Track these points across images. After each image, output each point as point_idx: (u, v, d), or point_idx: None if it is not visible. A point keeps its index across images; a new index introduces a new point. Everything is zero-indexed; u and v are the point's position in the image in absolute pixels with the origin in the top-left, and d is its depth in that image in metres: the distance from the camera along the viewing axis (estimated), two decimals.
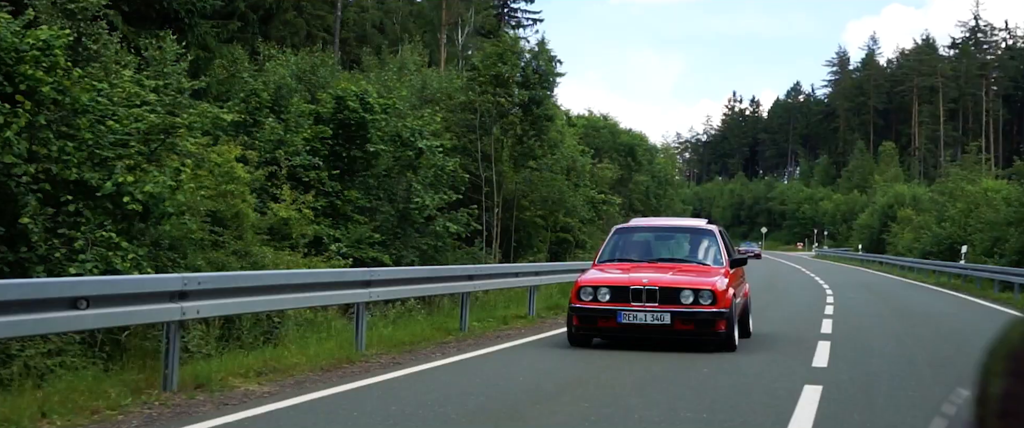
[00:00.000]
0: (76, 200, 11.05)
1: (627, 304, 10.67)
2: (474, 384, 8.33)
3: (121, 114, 11.94)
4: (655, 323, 10.57)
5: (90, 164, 11.50)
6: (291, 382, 8.23)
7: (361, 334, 10.38)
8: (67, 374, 8.18)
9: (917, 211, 54.01)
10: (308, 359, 9.26)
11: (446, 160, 22.26)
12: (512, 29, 72.08)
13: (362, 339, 10.32)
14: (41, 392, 7.09)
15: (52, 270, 10.24)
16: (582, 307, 10.88)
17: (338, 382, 8.21)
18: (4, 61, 11.03)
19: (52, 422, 6.35)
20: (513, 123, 26.82)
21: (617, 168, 40.64)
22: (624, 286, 10.79)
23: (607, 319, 10.79)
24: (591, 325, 10.98)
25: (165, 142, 12.10)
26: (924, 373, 9.68)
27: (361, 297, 10.39)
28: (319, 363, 9.19)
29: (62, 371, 8.50)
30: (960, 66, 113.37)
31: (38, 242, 10.41)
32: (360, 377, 8.61)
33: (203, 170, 13.97)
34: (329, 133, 20.34)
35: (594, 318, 10.88)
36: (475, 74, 26.54)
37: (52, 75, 11.08)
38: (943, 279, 32.71)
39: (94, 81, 12.02)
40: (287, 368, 8.78)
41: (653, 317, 10.56)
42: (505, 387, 8.19)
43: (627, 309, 10.65)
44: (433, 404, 7.13)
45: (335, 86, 22.47)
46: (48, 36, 11.18)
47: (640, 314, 10.59)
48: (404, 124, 21.77)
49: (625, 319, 10.66)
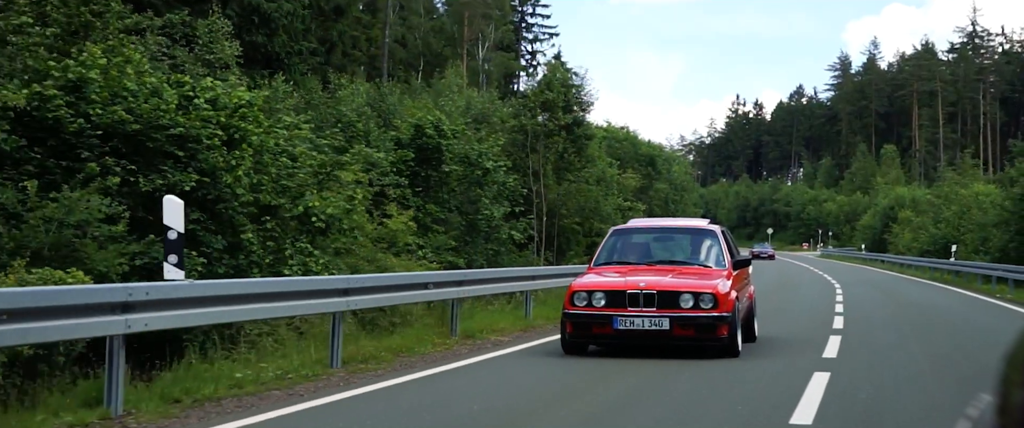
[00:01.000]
0: (272, 219, 14.86)
1: (623, 309, 10.22)
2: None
3: (299, 152, 15.77)
4: (653, 329, 10.11)
5: (278, 192, 15.33)
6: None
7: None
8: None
9: (916, 212, 57.83)
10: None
11: (507, 177, 26.09)
12: (530, 43, 76.16)
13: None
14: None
15: (266, 273, 14.00)
16: (576, 313, 10.43)
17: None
18: (220, 117, 14.86)
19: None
20: (557, 142, 30.63)
21: (639, 177, 44.51)
22: (620, 290, 10.33)
23: (602, 325, 10.32)
24: (585, 332, 10.53)
25: (330, 174, 15.92)
26: (912, 348, 13.32)
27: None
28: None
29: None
30: (958, 71, 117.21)
31: (257, 251, 14.18)
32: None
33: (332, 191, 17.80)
34: (411, 156, 24.12)
35: (588, 324, 10.43)
36: (526, 101, 30.32)
37: (255, 125, 14.89)
38: (937, 275, 36.52)
39: (277, 127, 15.85)
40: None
41: (651, 322, 10.10)
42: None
43: (623, 314, 10.19)
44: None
45: (408, 114, 26.36)
46: (250, 96, 14.99)
47: (637, 319, 10.14)
48: (472, 148, 25.60)
49: (621, 325, 10.19)
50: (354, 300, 10.26)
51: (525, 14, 73.95)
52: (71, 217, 10.35)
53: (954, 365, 10.30)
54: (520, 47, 73.07)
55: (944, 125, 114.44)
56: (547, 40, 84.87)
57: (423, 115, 25.44)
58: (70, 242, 10.24)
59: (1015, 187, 31.79)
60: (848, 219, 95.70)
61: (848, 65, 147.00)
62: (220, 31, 20.96)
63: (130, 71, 12.65)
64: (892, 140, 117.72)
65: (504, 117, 31.60)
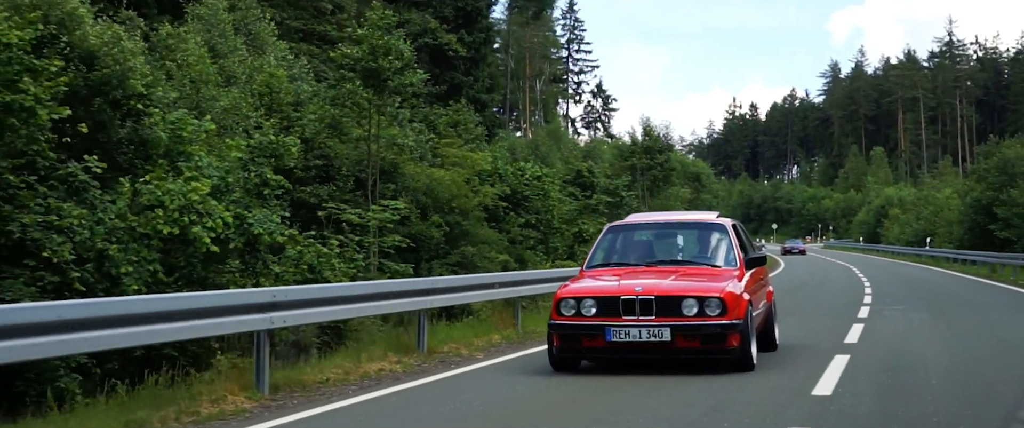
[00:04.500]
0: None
1: (617, 318, 8.94)
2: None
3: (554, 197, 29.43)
4: (652, 340, 8.85)
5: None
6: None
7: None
8: None
9: (903, 210, 71.96)
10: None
11: (633, 200, 39.81)
12: (576, 75, 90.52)
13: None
14: None
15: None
16: (563, 323, 9.19)
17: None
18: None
19: None
20: (650, 168, 44.41)
21: (690, 190, 58.35)
22: (612, 296, 9.05)
23: (593, 337, 9.05)
24: (575, 345, 9.27)
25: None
26: (910, 294, 26.65)
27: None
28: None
29: None
30: (937, 79, 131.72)
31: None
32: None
33: None
34: (580, 193, 37.63)
35: (577, 336, 9.17)
36: (635, 147, 44.12)
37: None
38: (918, 259, 50.39)
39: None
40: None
41: (649, 333, 8.84)
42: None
43: (617, 325, 8.92)
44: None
45: (569, 159, 40.12)
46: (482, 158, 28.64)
47: (633, 330, 8.87)
48: (610, 182, 39.28)
49: (615, 337, 8.91)
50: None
51: (572, 52, 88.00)
52: None
53: (930, 296, 23.65)
54: (568, 78, 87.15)
55: (926, 127, 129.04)
56: (590, 72, 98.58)
57: (578, 163, 39.15)
58: None
59: (973, 192, 45.53)
60: (844, 214, 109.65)
61: (838, 71, 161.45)
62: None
63: None
64: (880, 141, 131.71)
65: (613, 158, 45.41)
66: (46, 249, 10.31)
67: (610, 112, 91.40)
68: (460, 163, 24.94)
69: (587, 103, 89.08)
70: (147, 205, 11.51)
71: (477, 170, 25.17)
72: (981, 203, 42.57)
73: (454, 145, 26.01)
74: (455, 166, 24.85)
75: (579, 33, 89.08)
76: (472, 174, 24.83)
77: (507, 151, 38.65)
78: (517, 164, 29.79)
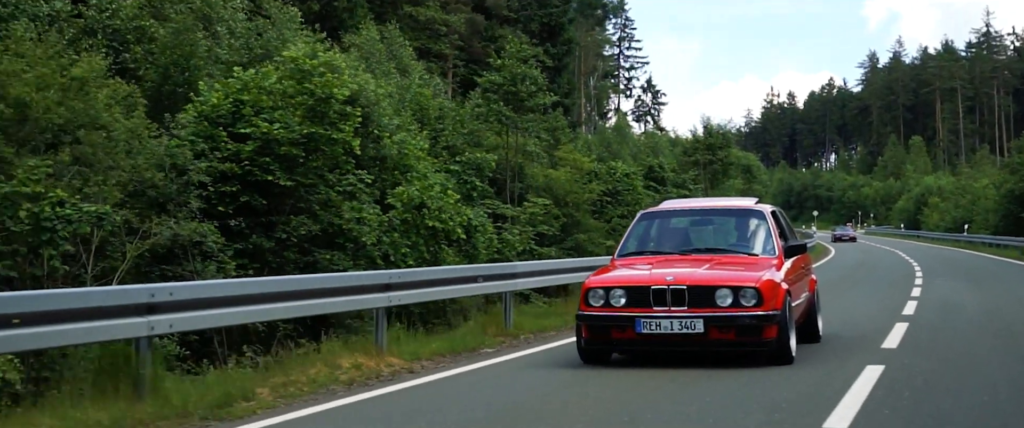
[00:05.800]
0: None
1: (647, 309, 8.57)
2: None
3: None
4: (684, 332, 8.45)
5: None
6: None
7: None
8: None
9: (942, 198, 76.18)
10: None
11: (699, 192, 44.47)
12: (627, 71, 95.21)
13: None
14: None
15: None
16: (591, 314, 8.80)
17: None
18: None
19: None
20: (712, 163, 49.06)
21: (742, 181, 62.81)
22: (643, 286, 8.68)
23: (623, 329, 8.67)
24: (603, 337, 8.86)
25: None
26: (952, 274, 31.14)
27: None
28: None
29: None
30: (974, 69, 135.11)
31: None
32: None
33: None
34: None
35: (606, 328, 8.78)
36: (697, 144, 48.79)
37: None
38: (957, 244, 54.71)
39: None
40: None
41: (681, 324, 8.45)
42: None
43: (647, 316, 8.54)
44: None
45: (639, 155, 44.83)
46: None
47: (665, 321, 8.48)
48: (678, 176, 43.98)
49: (645, 328, 8.54)
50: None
51: (623, 49, 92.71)
52: None
53: (967, 272, 28.08)
54: (619, 74, 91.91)
55: (963, 117, 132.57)
56: (640, 67, 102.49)
57: (648, 159, 43.87)
58: None
59: (1007, 183, 49.86)
60: (884, 202, 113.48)
61: (876, 61, 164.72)
62: None
63: None
64: (918, 130, 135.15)
65: (672, 152, 50.11)
66: (360, 236, 15.18)
67: (659, 106, 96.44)
68: (571, 164, 29.82)
69: (637, 98, 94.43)
70: (414, 205, 16.36)
71: (585, 170, 30.02)
72: (1014, 193, 47.03)
73: (564, 149, 30.88)
74: (565, 166, 29.73)
75: (630, 32, 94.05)
76: (580, 174, 29.69)
77: (587, 148, 43.49)
78: (608, 164, 34.58)
